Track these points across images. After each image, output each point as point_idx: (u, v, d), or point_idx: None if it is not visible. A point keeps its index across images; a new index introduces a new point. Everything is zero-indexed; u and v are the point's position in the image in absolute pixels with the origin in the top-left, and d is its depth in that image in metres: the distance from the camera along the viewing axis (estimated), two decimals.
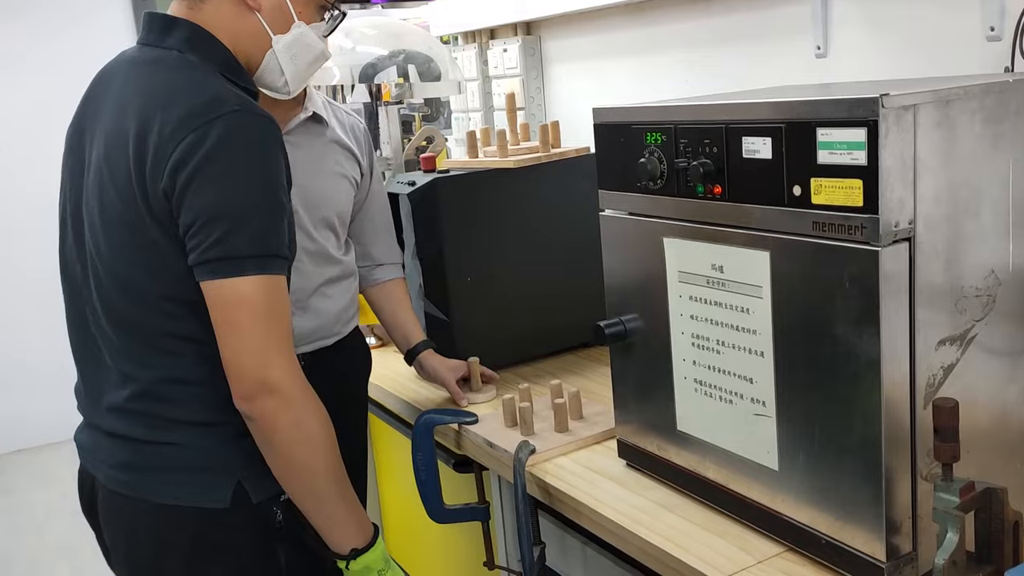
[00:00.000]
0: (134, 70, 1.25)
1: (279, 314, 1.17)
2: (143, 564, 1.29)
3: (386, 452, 2.59)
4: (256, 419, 1.17)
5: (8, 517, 3.65)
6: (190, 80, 1.20)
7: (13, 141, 4.19)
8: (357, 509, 1.28)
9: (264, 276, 1.15)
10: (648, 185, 1.32)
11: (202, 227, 1.14)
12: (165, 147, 1.14)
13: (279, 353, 1.17)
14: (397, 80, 2.53)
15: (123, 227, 1.20)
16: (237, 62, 1.28)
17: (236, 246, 1.14)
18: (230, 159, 1.14)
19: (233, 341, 1.15)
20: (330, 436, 1.23)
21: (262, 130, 1.18)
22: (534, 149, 2.05)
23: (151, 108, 1.17)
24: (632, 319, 1.43)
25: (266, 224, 1.16)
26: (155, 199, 1.16)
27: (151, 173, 1.15)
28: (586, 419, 1.71)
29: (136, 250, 1.20)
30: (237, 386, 1.16)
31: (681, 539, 1.28)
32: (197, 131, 1.13)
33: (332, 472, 1.23)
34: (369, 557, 1.26)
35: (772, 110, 1.11)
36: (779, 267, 1.14)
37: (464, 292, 1.98)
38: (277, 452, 1.19)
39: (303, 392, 1.19)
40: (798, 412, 1.17)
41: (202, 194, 1.13)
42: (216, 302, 1.15)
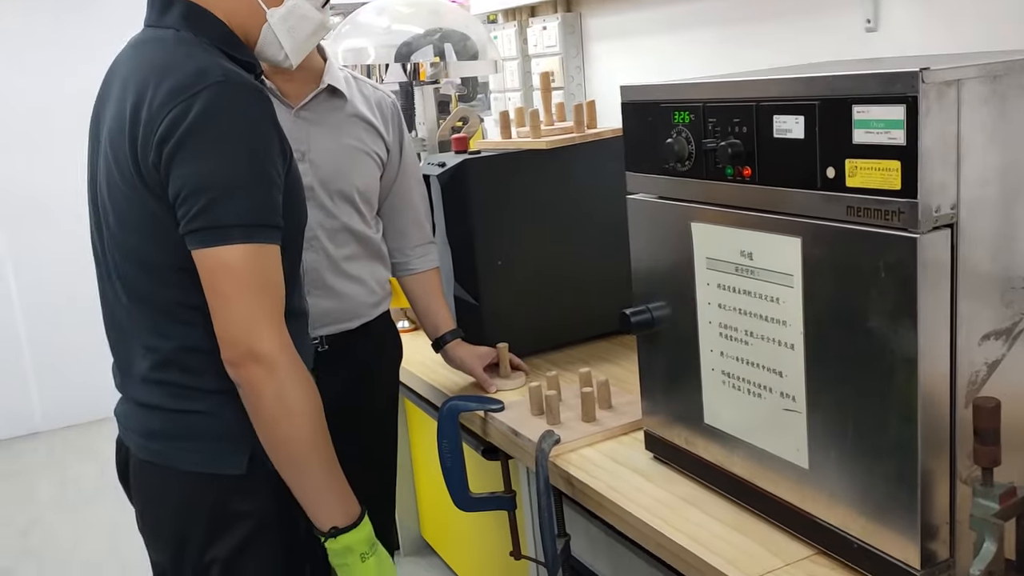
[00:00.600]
0: (135, 52, 1.27)
1: (267, 283, 1.18)
2: (168, 531, 1.32)
3: (420, 437, 2.57)
4: (243, 385, 1.19)
5: (57, 492, 3.73)
6: (181, 55, 1.20)
7: (62, 125, 4.26)
8: (341, 487, 1.26)
9: (250, 245, 1.15)
10: (675, 167, 1.26)
11: (188, 197, 1.15)
12: (153, 121, 1.15)
13: (266, 321, 1.17)
14: (433, 59, 2.49)
15: (126, 202, 1.22)
16: (235, 36, 1.28)
17: (221, 215, 1.14)
18: (214, 129, 1.14)
19: (221, 309, 1.16)
20: (315, 409, 1.22)
21: (246, 99, 1.18)
22: (568, 129, 1.99)
23: (144, 85, 1.18)
24: (659, 307, 1.38)
25: (252, 193, 1.16)
26: (147, 172, 1.18)
27: (142, 147, 1.17)
28: (615, 409, 1.66)
29: (139, 224, 1.22)
30: (225, 352, 1.17)
31: (705, 537, 1.22)
32: (182, 103, 1.14)
33: (315, 444, 1.22)
34: (351, 538, 1.24)
35: (805, 86, 1.04)
36: (811, 254, 1.07)
37: (494, 276, 1.94)
38: (261, 420, 1.20)
39: (289, 361, 1.19)
40: (830, 408, 1.10)
41: (187, 165, 1.14)
42: (204, 271, 1.16)
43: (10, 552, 3.25)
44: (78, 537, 3.32)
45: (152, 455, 1.29)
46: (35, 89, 4.24)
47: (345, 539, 1.24)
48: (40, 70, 4.24)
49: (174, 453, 1.27)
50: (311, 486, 1.23)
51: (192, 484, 1.27)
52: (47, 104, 4.24)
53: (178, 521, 1.29)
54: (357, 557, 1.25)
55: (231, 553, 1.27)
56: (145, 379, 1.28)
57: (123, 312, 1.30)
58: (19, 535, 3.37)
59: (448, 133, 2.53)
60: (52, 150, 4.25)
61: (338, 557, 1.26)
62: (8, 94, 4.21)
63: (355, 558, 1.25)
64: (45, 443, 4.30)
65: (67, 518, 3.48)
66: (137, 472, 1.34)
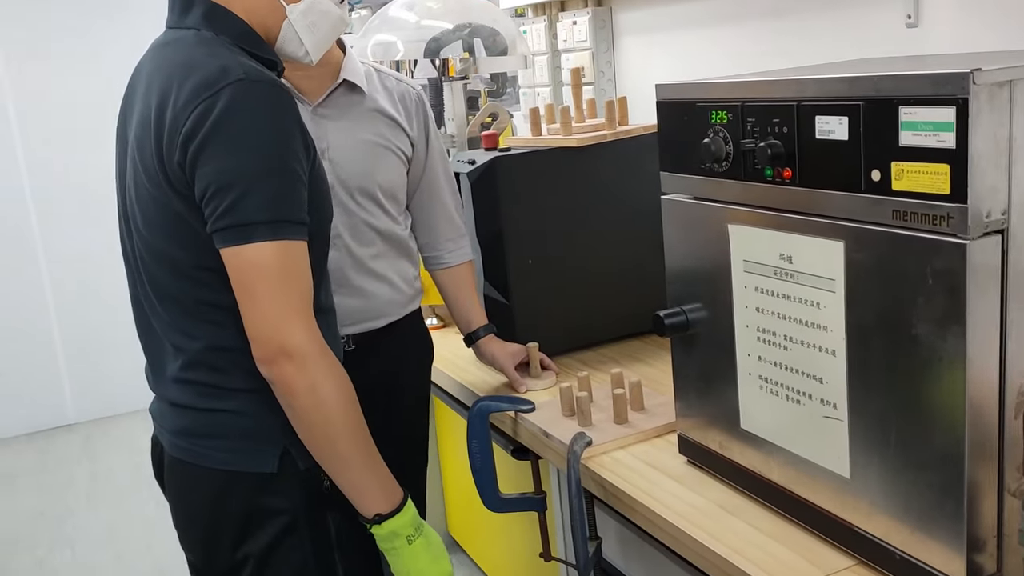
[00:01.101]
0: (158, 53, 1.27)
1: (295, 278, 1.18)
2: (201, 528, 1.33)
3: (448, 435, 2.56)
4: (276, 383, 1.19)
5: (90, 484, 3.78)
6: (203, 55, 1.20)
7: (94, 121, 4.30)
8: (383, 474, 1.27)
9: (277, 241, 1.15)
10: (712, 167, 1.23)
11: (213, 195, 1.15)
12: (177, 120, 1.16)
13: (296, 317, 1.17)
14: (462, 55, 2.47)
15: (152, 203, 1.23)
16: (256, 34, 1.28)
17: (246, 212, 1.14)
18: (237, 127, 1.15)
19: (250, 307, 1.16)
20: (349, 400, 1.22)
21: (268, 96, 1.18)
22: (599, 127, 1.96)
23: (168, 86, 1.19)
24: (695, 309, 1.35)
25: (276, 189, 1.16)
26: (173, 172, 1.18)
27: (167, 147, 1.17)
28: (647, 410, 1.63)
29: (165, 224, 1.22)
30: (257, 351, 1.18)
31: (742, 545, 1.20)
32: (206, 102, 1.14)
33: (352, 435, 1.23)
34: (396, 522, 1.26)
35: (849, 86, 1.01)
36: (854, 259, 1.05)
37: (524, 274, 1.93)
38: (297, 416, 1.20)
39: (320, 355, 1.19)
40: (872, 416, 1.07)
41: (211, 163, 1.14)
42: (232, 269, 1.17)
43: (45, 542, 3.29)
44: (111, 528, 3.36)
45: (184, 453, 1.31)
46: (70, 85, 4.28)
47: (390, 524, 1.25)
48: (74, 66, 4.28)
49: (206, 451, 1.28)
50: (353, 476, 1.24)
51: (224, 482, 1.28)
52: (81, 101, 4.28)
53: (210, 518, 1.31)
54: (404, 540, 1.27)
55: (263, 550, 1.28)
56: (176, 379, 1.29)
57: (152, 313, 1.31)
58: (54, 526, 3.42)
59: (477, 129, 2.51)
60: (86, 146, 4.29)
61: (385, 542, 1.27)
62: (45, 90, 4.26)
63: (402, 542, 1.27)
64: (78, 435, 4.35)
65: (100, 509, 3.52)
66: (170, 470, 1.35)
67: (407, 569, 1.28)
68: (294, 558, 1.29)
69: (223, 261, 1.17)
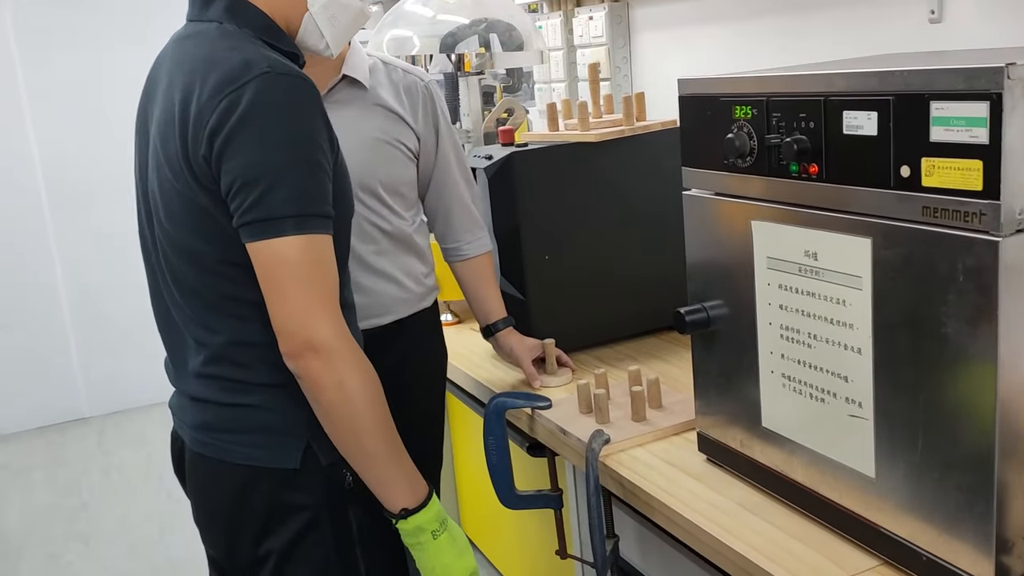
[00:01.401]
0: (180, 46, 1.27)
1: (322, 272, 1.17)
2: (223, 523, 1.33)
3: (462, 432, 2.56)
4: (303, 377, 1.18)
5: (103, 477, 3.79)
6: (225, 48, 1.20)
7: (110, 115, 4.31)
8: (408, 469, 1.27)
9: (304, 236, 1.15)
10: (736, 163, 1.22)
11: (240, 189, 1.14)
12: (203, 114, 1.15)
13: (323, 311, 1.16)
14: (478, 50, 2.46)
15: (176, 197, 1.22)
16: (277, 27, 1.27)
17: (273, 207, 1.14)
18: (263, 120, 1.14)
19: (277, 302, 1.16)
20: (376, 395, 1.22)
21: (294, 89, 1.17)
22: (617, 122, 1.95)
23: (192, 79, 1.18)
24: (716, 306, 1.34)
25: (302, 183, 1.16)
26: (198, 166, 1.17)
27: (192, 141, 1.17)
28: (665, 408, 1.62)
29: (190, 218, 1.22)
30: (284, 345, 1.17)
31: (764, 545, 1.19)
32: (231, 95, 1.14)
33: (379, 430, 1.22)
34: (421, 518, 1.25)
35: (878, 81, 1.00)
36: (882, 256, 1.03)
37: (541, 271, 1.92)
38: (323, 410, 1.20)
39: (347, 349, 1.19)
40: (899, 416, 1.06)
41: (238, 157, 1.14)
42: (259, 263, 1.16)
43: (58, 537, 3.30)
44: (124, 521, 3.37)
45: (206, 448, 1.30)
46: (84, 79, 4.28)
47: (415, 519, 1.25)
48: (89, 61, 4.28)
49: (228, 446, 1.28)
50: (379, 471, 1.23)
51: (246, 477, 1.27)
52: (96, 94, 4.29)
53: (232, 514, 1.30)
54: (429, 535, 1.26)
55: (285, 546, 1.28)
56: (198, 374, 1.29)
57: (174, 307, 1.30)
58: (67, 520, 3.43)
59: (493, 125, 2.50)
60: (100, 140, 4.31)
61: (410, 537, 1.27)
62: (57, 84, 4.26)
63: (427, 536, 1.27)
64: (91, 429, 4.37)
65: (113, 503, 3.53)
66: (192, 465, 1.35)
67: (432, 564, 1.28)
68: (316, 554, 1.29)
69: (249, 256, 1.17)
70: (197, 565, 3.02)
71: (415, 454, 1.28)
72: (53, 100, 4.25)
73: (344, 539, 1.29)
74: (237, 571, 1.34)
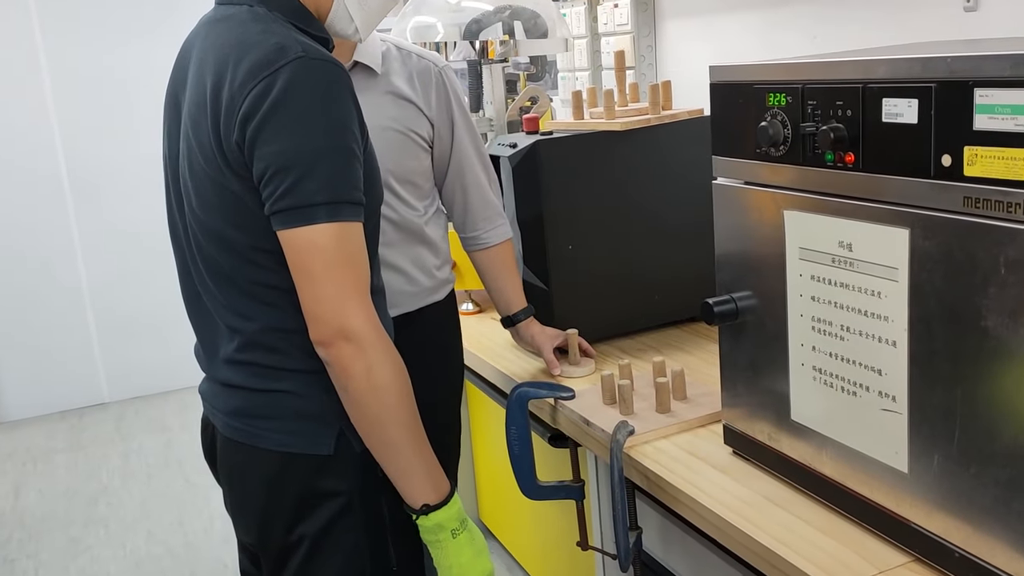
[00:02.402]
0: (210, 30, 1.25)
1: (354, 260, 1.16)
2: (256, 509, 1.32)
3: (482, 422, 2.55)
4: (332, 364, 1.17)
5: (122, 462, 3.81)
6: (258, 32, 1.18)
7: (132, 101, 4.32)
8: (431, 465, 1.25)
9: (336, 223, 1.14)
10: (769, 152, 1.20)
11: (273, 176, 1.13)
12: (235, 100, 1.14)
13: (355, 299, 1.16)
14: (502, 37, 2.44)
15: (208, 183, 1.21)
16: (307, 10, 1.26)
17: (306, 194, 1.13)
18: (296, 106, 1.13)
19: (309, 289, 1.15)
20: (404, 386, 1.21)
21: (327, 75, 1.16)
22: (643, 111, 1.93)
23: (224, 64, 1.17)
24: (744, 297, 1.32)
25: (335, 169, 1.14)
26: (230, 152, 1.16)
27: (224, 127, 1.16)
28: (690, 400, 1.61)
29: (222, 204, 1.21)
30: (315, 332, 1.16)
31: (791, 539, 1.17)
32: (264, 81, 1.12)
33: (404, 422, 1.21)
34: (441, 515, 1.24)
35: (920, 67, 0.98)
36: (920, 247, 1.01)
37: (564, 260, 1.90)
38: (351, 399, 1.19)
39: (378, 339, 1.18)
40: (934, 410, 1.04)
41: (271, 143, 1.13)
42: (291, 251, 1.15)
43: (79, 520, 3.33)
44: (143, 506, 3.39)
45: (239, 434, 1.30)
46: (107, 66, 4.29)
47: (436, 516, 1.24)
48: (113, 48, 4.29)
49: (261, 432, 1.27)
50: (402, 463, 1.22)
51: (279, 463, 1.27)
52: (118, 81, 4.30)
53: (265, 500, 1.30)
54: (448, 533, 1.25)
55: (318, 532, 1.27)
56: (230, 360, 1.28)
57: (206, 294, 1.30)
58: (87, 504, 3.45)
59: (517, 113, 2.49)
60: (122, 132, 4.32)
61: (430, 534, 1.26)
62: (81, 76, 4.27)
63: (446, 535, 1.25)
64: (111, 414, 4.40)
65: (132, 488, 3.55)
66: (224, 451, 1.34)
67: (449, 563, 1.27)
68: (347, 541, 1.28)
69: (280, 243, 1.16)
70: (215, 550, 3.04)
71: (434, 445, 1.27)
72: (76, 92, 4.27)
73: (376, 527, 1.29)
74: (269, 557, 1.33)
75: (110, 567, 2.99)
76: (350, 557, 1.29)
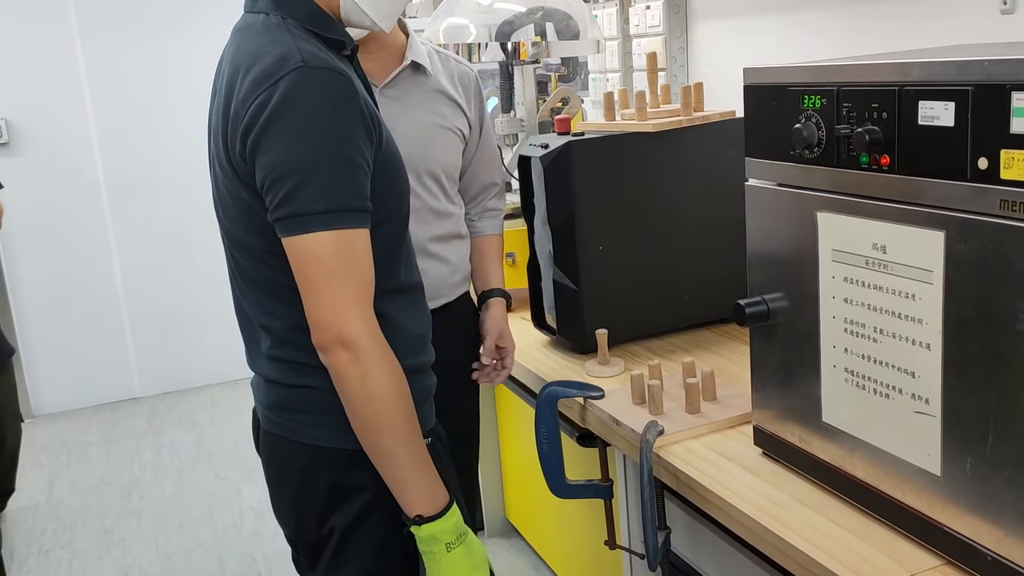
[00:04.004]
0: (233, 39, 1.28)
1: (353, 268, 1.17)
2: (291, 501, 1.35)
3: (509, 420, 2.56)
4: (330, 369, 1.19)
5: (154, 455, 3.87)
6: (267, 42, 1.20)
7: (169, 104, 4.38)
8: (428, 475, 1.25)
9: (333, 231, 1.15)
10: (803, 154, 1.20)
11: (271, 185, 1.15)
12: (239, 112, 1.17)
13: (354, 307, 1.17)
14: (534, 39, 2.45)
15: (227, 191, 1.25)
16: (323, 13, 1.27)
17: (302, 203, 1.14)
18: (293, 116, 1.14)
19: (308, 295, 1.17)
20: (400, 395, 1.21)
21: (326, 83, 1.16)
22: (675, 112, 1.94)
23: (235, 75, 1.20)
24: (776, 299, 1.32)
25: (333, 178, 1.15)
26: (237, 162, 1.20)
27: (231, 137, 1.19)
28: (720, 401, 1.61)
29: (239, 211, 1.25)
30: (315, 337, 1.18)
31: (822, 541, 1.18)
32: (264, 92, 1.14)
33: (399, 431, 1.21)
34: (436, 527, 1.24)
35: (957, 70, 0.98)
36: (955, 249, 1.01)
37: (595, 261, 1.91)
38: (347, 404, 1.21)
39: (375, 347, 1.19)
40: (968, 413, 1.04)
41: (270, 153, 1.15)
42: (291, 258, 1.18)
43: (111, 512, 3.38)
44: (175, 499, 3.44)
45: (276, 427, 1.33)
46: (145, 67, 4.36)
47: (430, 528, 1.23)
48: (150, 51, 4.35)
49: (295, 426, 1.31)
50: (396, 472, 1.23)
51: (311, 456, 1.29)
52: (154, 83, 4.36)
53: (299, 492, 1.33)
54: (443, 547, 1.24)
55: (347, 526, 1.30)
56: (267, 356, 1.32)
57: (242, 294, 1.35)
58: (120, 496, 3.51)
59: (548, 114, 2.50)
60: (157, 125, 4.38)
61: (424, 544, 1.25)
62: (118, 75, 4.34)
63: (440, 547, 1.24)
64: (143, 409, 4.46)
65: (164, 481, 3.60)
66: (264, 443, 1.38)
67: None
68: (374, 536, 1.30)
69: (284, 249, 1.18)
70: (245, 544, 3.07)
71: (456, 440, 1.30)
72: (113, 90, 4.33)
73: (401, 523, 1.30)
74: (305, 548, 1.37)
75: (142, 559, 3.04)
76: (377, 552, 1.30)
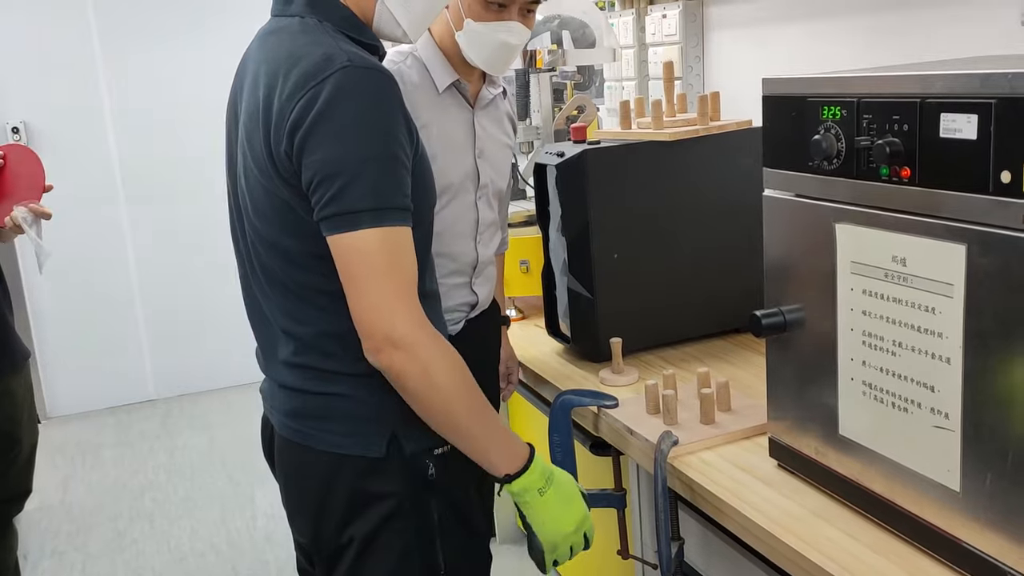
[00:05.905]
0: (264, 42, 1.29)
1: (399, 265, 1.18)
2: (309, 509, 1.35)
3: (523, 428, 2.56)
4: (386, 371, 1.20)
5: (168, 458, 3.89)
6: (307, 43, 1.21)
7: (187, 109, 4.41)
8: (505, 438, 1.29)
9: (380, 228, 1.16)
10: (822, 165, 1.19)
11: (319, 184, 1.16)
12: (284, 110, 1.17)
13: (401, 304, 1.17)
14: (551, 46, 2.46)
15: (262, 191, 1.24)
16: (356, 18, 1.29)
17: (351, 200, 1.15)
18: (341, 115, 1.15)
19: (356, 295, 1.17)
20: (463, 379, 1.23)
21: (373, 83, 1.18)
22: (691, 121, 1.93)
23: (275, 76, 1.20)
24: (793, 310, 1.32)
25: (380, 176, 1.16)
26: (280, 161, 1.19)
27: (275, 136, 1.19)
28: (735, 411, 1.60)
29: (274, 213, 1.24)
30: (365, 341, 1.19)
31: (839, 555, 1.17)
32: (311, 91, 1.15)
33: (471, 411, 1.24)
34: (525, 480, 1.29)
35: (980, 83, 0.97)
36: (976, 263, 1.00)
37: (609, 270, 1.91)
38: (413, 399, 1.22)
39: (428, 338, 1.20)
40: (988, 428, 1.03)
41: (317, 152, 1.15)
42: (337, 257, 1.18)
43: (125, 514, 3.40)
44: (187, 502, 3.45)
45: (295, 435, 1.33)
46: (165, 72, 4.39)
47: (520, 482, 1.28)
48: (171, 56, 4.38)
49: (315, 433, 1.30)
50: (477, 445, 1.26)
51: (333, 464, 1.29)
52: (175, 88, 4.40)
53: (319, 500, 1.32)
54: (535, 493, 1.30)
55: (368, 534, 1.30)
56: (287, 363, 1.31)
57: (263, 298, 1.33)
58: (134, 498, 3.53)
59: (564, 122, 2.50)
60: (177, 131, 4.42)
61: (518, 496, 1.30)
62: (136, 82, 4.37)
63: (533, 495, 1.30)
64: (157, 411, 4.48)
65: (177, 484, 3.62)
66: (281, 451, 1.38)
67: (542, 519, 1.32)
68: (397, 543, 1.30)
69: (330, 248, 1.18)
70: (257, 548, 3.08)
71: None
72: (131, 95, 4.37)
73: (425, 530, 1.30)
74: (322, 557, 1.36)
75: (155, 561, 3.05)
76: (399, 560, 1.30)
